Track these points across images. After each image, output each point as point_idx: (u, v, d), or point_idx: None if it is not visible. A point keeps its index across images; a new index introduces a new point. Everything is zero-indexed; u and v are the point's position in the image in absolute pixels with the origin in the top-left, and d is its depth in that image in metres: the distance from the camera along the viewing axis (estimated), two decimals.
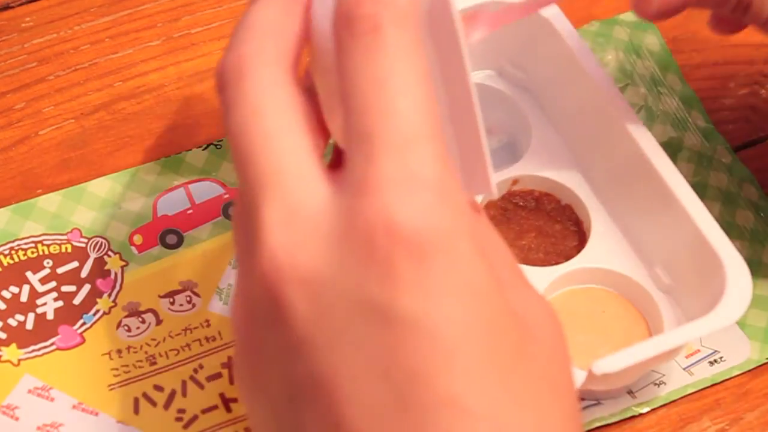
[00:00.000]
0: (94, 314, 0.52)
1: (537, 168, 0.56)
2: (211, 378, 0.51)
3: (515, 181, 0.56)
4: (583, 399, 0.51)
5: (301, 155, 0.34)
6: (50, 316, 0.52)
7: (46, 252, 0.53)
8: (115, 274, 0.53)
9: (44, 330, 0.52)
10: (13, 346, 0.51)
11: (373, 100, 0.33)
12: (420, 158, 0.33)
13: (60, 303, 0.52)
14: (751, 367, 0.53)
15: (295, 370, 0.33)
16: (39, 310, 0.52)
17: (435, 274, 0.32)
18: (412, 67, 0.34)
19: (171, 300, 0.53)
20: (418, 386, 0.32)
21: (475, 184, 0.37)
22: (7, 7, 0.61)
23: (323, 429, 0.33)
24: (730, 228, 0.56)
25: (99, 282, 0.53)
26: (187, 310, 0.52)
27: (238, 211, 0.36)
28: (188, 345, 0.52)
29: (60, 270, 0.53)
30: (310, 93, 0.37)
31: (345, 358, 0.33)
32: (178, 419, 0.50)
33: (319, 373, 0.33)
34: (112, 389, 0.51)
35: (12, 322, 0.52)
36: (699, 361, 0.53)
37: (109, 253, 0.54)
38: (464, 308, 0.33)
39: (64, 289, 0.53)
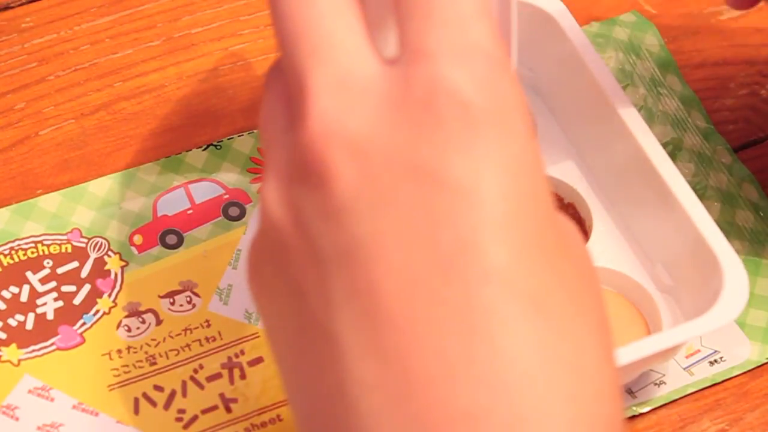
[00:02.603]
0: (94, 314, 0.52)
1: None
2: (211, 378, 0.51)
3: None
4: None
5: (355, 32, 0.33)
6: (50, 316, 0.52)
7: (46, 252, 0.53)
8: (115, 274, 0.53)
9: (44, 330, 0.51)
10: (13, 346, 0.51)
11: None
12: (478, 31, 0.33)
13: (60, 303, 0.52)
14: (751, 367, 0.53)
15: (333, 238, 0.32)
16: (39, 310, 0.52)
17: (489, 142, 0.32)
18: None
19: (171, 300, 0.53)
20: (464, 256, 0.31)
21: None
22: (7, 7, 0.61)
23: (354, 297, 0.32)
24: (729, 228, 0.56)
25: (99, 282, 0.53)
26: (187, 311, 0.52)
27: (274, 92, 0.35)
28: (188, 345, 0.52)
29: (60, 270, 0.53)
30: None
31: (389, 225, 0.32)
32: (178, 419, 0.50)
33: (358, 239, 0.32)
34: (112, 389, 0.51)
35: (12, 322, 0.52)
36: (699, 361, 0.53)
37: (109, 253, 0.54)
38: (512, 184, 0.32)
39: (64, 289, 0.53)
